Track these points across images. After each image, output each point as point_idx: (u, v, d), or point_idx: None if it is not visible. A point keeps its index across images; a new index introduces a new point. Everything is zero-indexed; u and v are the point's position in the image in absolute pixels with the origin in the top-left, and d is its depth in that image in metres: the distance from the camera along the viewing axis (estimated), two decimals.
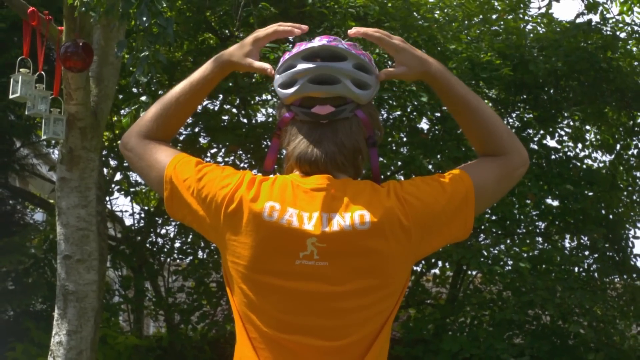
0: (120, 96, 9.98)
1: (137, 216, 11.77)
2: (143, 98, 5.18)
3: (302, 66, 2.26)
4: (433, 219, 2.24)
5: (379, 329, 2.22)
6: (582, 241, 11.21)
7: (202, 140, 11.28)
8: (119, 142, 11.12)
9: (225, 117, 11.31)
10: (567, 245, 11.31)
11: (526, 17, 11.27)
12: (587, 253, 11.09)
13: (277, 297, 2.18)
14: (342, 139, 2.26)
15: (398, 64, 2.39)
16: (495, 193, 2.39)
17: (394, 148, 10.78)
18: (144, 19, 4.69)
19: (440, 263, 11.23)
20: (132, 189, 11.41)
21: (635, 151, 11.53)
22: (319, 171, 2.25)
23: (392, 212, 2.19)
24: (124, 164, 11.11)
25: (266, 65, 2.41)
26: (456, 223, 2.29)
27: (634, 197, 11.60)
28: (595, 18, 10.88)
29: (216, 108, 11.27)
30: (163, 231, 11.53)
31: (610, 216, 11.13)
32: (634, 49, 11.15)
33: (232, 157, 11.15)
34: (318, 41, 2.29)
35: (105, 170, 10.59)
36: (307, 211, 2.19)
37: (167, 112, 2.48)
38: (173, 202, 2.34)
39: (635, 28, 11.19)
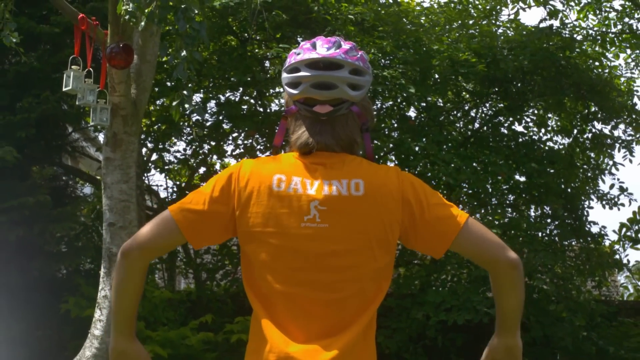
0: (156, 89, 10.00)
1: (170, 190, 11.86)
2: (185, 92, 5.22)
3: (305, 72, 2.26)
4: (417, 205, 2.22)
5: (375, 288, 2.22)
6: (544, 211, 11.22)
7: (225, 126, 11.31)
8: (155, 127, 11.16)
9: (245, 107, 11.31)
10: (532, 214, 11.32)
11: (498, 23, 11.32)
12: (549, 220, 11.09)
13: (287, 256, 2.18)
14: (339, 132, 2.27)
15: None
16: (468, 254, 2.32)
17: (387, 133, 10.79)
18: (182, 23, 4.75)
19: None
20: (166, 167, 11.47)
21: (590, 135, 11.56)
22: None
23: (384, 184, 2.21)
24: (159, 146, 11.15)
25: None
26: (433, 233, 2.24)
27: (589, 174, 11.63)
28: (556, 23, 10.92)
29: (237, 99, 11.28)
30: None
31: (569, 190, 11.14)
32: (589, 49, 11.20)
33: (250, 140, 11.17)
34: (320, 47, 2.28)
35: (143, 151, 10.61)
36: (309, 179, 2.20)
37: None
38: (189, 227, 2.23)
39: (590, 32, 11.25)
